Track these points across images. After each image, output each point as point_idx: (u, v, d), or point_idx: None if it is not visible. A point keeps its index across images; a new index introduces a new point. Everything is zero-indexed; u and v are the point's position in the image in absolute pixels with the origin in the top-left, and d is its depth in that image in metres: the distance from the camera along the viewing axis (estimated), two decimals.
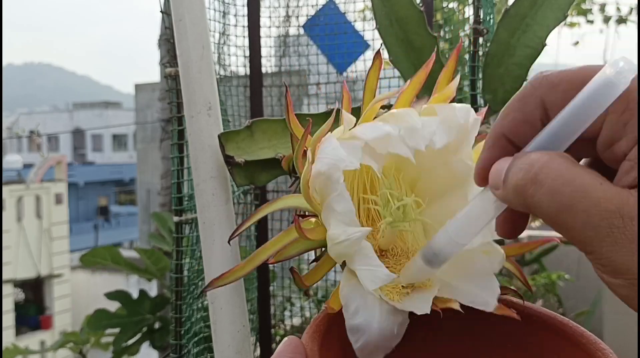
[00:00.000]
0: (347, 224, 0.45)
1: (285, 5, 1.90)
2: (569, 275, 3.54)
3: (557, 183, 0.34)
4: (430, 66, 0.51)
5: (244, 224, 0.53)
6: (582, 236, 0.34)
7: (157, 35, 2.76)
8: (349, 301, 0.45)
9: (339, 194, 0.44)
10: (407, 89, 0.51)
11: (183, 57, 0.86)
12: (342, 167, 0.44)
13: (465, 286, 0.47)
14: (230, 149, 0.83)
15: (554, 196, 0.34)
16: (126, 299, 2.10)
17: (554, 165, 0.35)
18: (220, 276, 0.50)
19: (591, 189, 0.34)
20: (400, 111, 0.48)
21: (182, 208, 1.17)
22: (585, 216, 0.34)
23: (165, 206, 2.84)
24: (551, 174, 0.35)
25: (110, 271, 10.11)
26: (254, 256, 0.49)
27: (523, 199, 0.36)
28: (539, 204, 0.35)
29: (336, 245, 0.45)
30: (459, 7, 1.68)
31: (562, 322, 0.47)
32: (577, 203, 0.34)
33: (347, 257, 0.46)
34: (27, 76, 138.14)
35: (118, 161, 25.64)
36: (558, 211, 0.34)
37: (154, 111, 6.99)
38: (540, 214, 0.36)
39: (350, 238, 0.44)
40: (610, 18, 5.17)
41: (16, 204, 10.03)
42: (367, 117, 0.49)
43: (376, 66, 0.52)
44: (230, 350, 0.85)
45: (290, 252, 0.47)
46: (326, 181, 0.45)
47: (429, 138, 0.46)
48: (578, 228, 0.34)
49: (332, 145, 0.46)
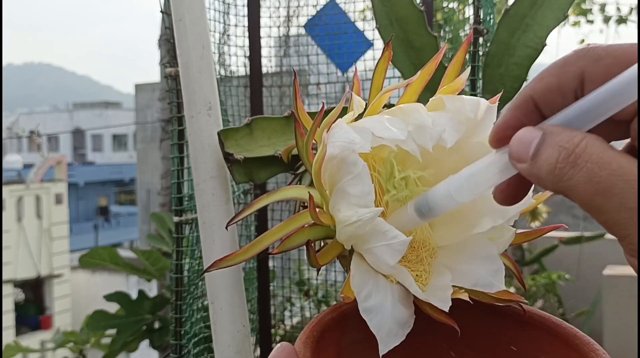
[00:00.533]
0: (361, 206, 0.44)
1: (286, 5, 1.90)
2: (569, 275, 3.54)
3: (595, 167, 0.34)
4: (439, 58, 0.50)
5: (243, 212, 0.52)
6: (617, 219, 0.34)
7: (157, 35, 2.76)
8: (360, 288, 0.44)
9: (355, 176, 0.44)
10: (414, 82, 0.50)
11: (183, 57, 0.86)
12: (356, 149, 0.44)
13: (469, 268, 0.47)
14: (230, 146, 0.83)
15: (592, 178, 0.34)
16: (125, 300, 2.10)
17: (593, 148, 0.35)
18: (223, 258, 0.49)
19: (628, 172, 0.33)
20: (409, 106, 0.47)
21: (182, 208, 1.17)
22: (622, 199, 0.33)
23: (165, 206, 2.84)
24: (590, 157, 0.34)
25: (110, 272, 10.11)
26: (256, 241, 0.48)
27: (558, 180, 0.35)
28: (575, 187, 0.35)
29: (347, 227, 0.44)
30: (459, 7, 1.68)
31: (555, 322, 0.47)
32: (613, 186, 0.33)
33: (359, 239, 0.45)
34: (27, 76, 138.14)
35: (118, 161, 25.64)
36: (594, 194, 0.34)
37: (154, 111, 6.99)
38: (573, 196, 0.35)
39: (362, 218, 0.43)
40: (610, 18, 5.17)
41: (16, 205, 10.03)
42: (374, 109, 0.49)
43: (385, 57, 0.52)
44: (230, 350, 0.85)
45: (293, 243, 0.47)
46: (340, 164, 0.44)
47: (439, 136, 0.45)
48: (614, 210, 0.34)
49: (343, 129, 0.45)
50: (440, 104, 0.47)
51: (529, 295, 3.42)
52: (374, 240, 0.44)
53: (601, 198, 0.34)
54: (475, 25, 1.04)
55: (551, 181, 0.36)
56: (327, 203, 0.47)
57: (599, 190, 0.34)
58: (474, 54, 1.04)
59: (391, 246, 0.43)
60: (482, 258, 0.47)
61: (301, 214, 0.48)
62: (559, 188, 0.36)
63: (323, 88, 1.89)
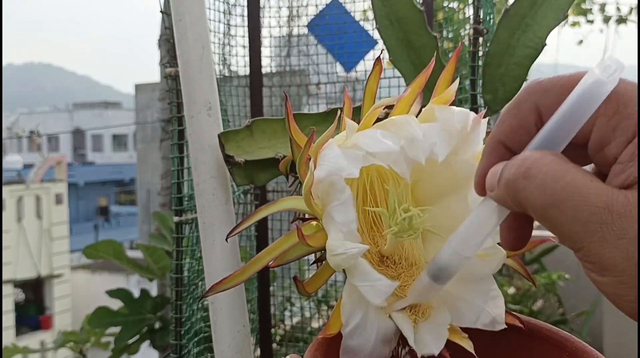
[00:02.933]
0: (345, 235, 0.44)
1: (288, 5, 1.90)
2: (569, 275, 3.54)
3: (547, 178, 0.35)
4: (430, 71, 0.51)
5: (242, 224, 0.53)
6: (571, 232, 0.34)
7: (157, 35, 2.76)
8: (349, 320, 0.45)
9: (341, 203, 0.44)
10: (406, 95, 0.51)
11: (183, 57, 0.86)
12: (343, 175, 0.44)
13: (466, 297, 0.47)
14: (230, 148, 0.83)
15: (544, 191, 0.35)
16: (128, 297, 2.10)
17: (546, 161, 0.36)
18: (221, 281, 0.50)
19: (581, 185, 0.34)
20: (401, 119, 0.48)
21: (182, 208, 1.17)
22: (575, 212, 0.34)
23: (166, 206, 2.84)
24: (543, 169, 0.35)
25: (110, 271, 10.11)
26: (254, 260, 0.49)
27: (514, 193, 0.36)
28: (529, 198, 0.35)
29: (334, 257, 0.45)
30: (459, 6, 1.68)
31: (564, 336, 0.47)
32: (566, 198, 0.34)
33: (346, 269, 0.46)
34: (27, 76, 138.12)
35: (118, 161, 25.64)
36: (548, 206, 0.35)
37: (154, 111, 6.99)
38: (530, 209, 0.36)
39: (347, 253, 0.44)
40: (610, 18, 5.17)
41: (16, 205, 10.03)
42: (367, 123, 0.49)
43: (376, 72, 0.53)
44: (231, 350, 0.85)
45: (291, 256, 0.47)
46: (328, 188, 0.45)
47: (430, 149, 0.46)
48: (567, 223, 0.34)
49: (333, 152, 0.46)
50: (431, 115, 0.48)
51: (529, 295, 3.41)
52: (358, 279, 0.45)
53: (555, 211, 0.34)
54: (475, 25, 1.04)
55: (509, 195, 0.37)
56: (321, 217, 0.47)
57: (552, 203, 0.34)
58: (474, 54, 1.03)
59: (376, 288, 0.44)
60: (478, 284, 0.47)
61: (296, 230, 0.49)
62: (518, 200, 0.36)
63: (323, 88, 1.89)
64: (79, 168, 23.44)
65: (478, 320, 0.47)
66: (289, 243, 0.48)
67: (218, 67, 1.59)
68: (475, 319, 0.47)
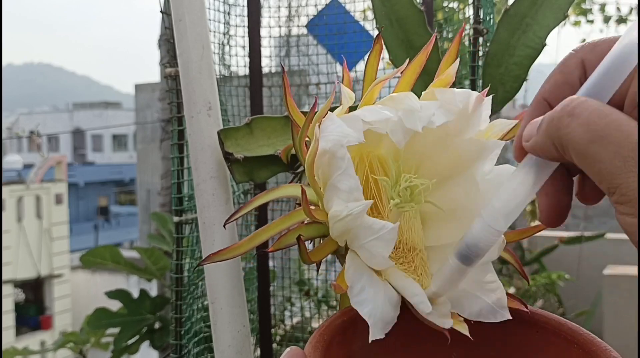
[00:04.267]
0: (351, 201, 0.44)
1: (287, 5, 1.90)
2: (569, 275, 3.54)
3: (593, 116, 0.36)
4: (429, 49, 0.51)
5: (241, 210, 0.52)
6: (611, 167, 0.35)
7: (157, 36, 2.76)
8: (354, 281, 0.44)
9: (344, 171, 0.44)
10: (406, 72, 0.51)
11: (183, 57, 0.86)
12: (346, 142, 0.44)
13: (465, 288, 0.47)
14: (230, 146, 0.83)
15: (589, 126, 0.36)
16: (127, 298, 2.10)
17: (591, 102, 0.37)
18: (218, 252, 0.49)
19: (625, 124, 0.35)
20: (400, 95, 0.48)
21: (182, 208, 1.17)
22: (617, 148, 0.35)
23: (165, 206, 2.84)
24: (588, 108, 0.36)
25: (110, 272, 10.11)
26: (253, 236, 0.49)
27: (557, 131, 0.37)
28: (573, 134, 0.36)
29: (338, 223, 0.44)
30: (459, 6, 1.68)
31: (572, 328, 0.47)
32: (610, 133, 0.35)
33: (350, 235, 0.45)
34: (27, 76, 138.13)
35: (118, 161, 25.65)
36: (591, 141, 0.36)
37: (154, 111, 6.99)
38: (571, 146, 0.37)
39: (352, 212, 0.43)
40: (610, 18, 5.17)
41: (16, 205, 10.04)
42: (367, 101, 0.49)
43: (376, 50, 0.52)
44: (231, 350, 0.85)
45: (289, 240, 0.47)
46: (331, 159, 0.45)
47: (428, 119, 0.46)
48: (608, 159, 0.35)
49: (335, 123, 0.46)
50: (431, 96, 0.48)
51: (529, 295, 3.42)
52: (364, 236, 0.44)
53: (597, 146, 0.35)
54: (475, 25, 1.04)
55: (552, 136, 0.38)
56: (322, 200, 0.47)
57: (595, 138, 0.35)
58: (474, 54, 1.04)
59: (381, 238, 0.43)
60: (475, 271, 0.46)
61: (297, 211, 0.48)
62: (557, 137, 0.37)
63: (323, 88, 1.89)
64: (79, 168, 23.45)
65: (479, 314, 0.46)
66: (289, 223, 0.47)
67: (218, 67, 1.59)
68: (477, 313, 0.46)
